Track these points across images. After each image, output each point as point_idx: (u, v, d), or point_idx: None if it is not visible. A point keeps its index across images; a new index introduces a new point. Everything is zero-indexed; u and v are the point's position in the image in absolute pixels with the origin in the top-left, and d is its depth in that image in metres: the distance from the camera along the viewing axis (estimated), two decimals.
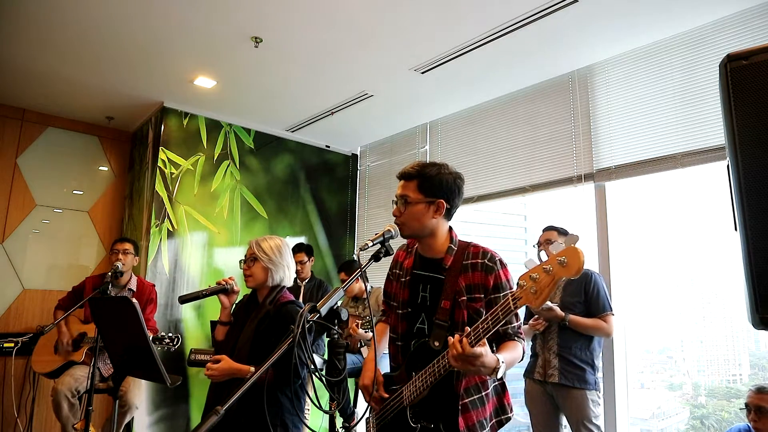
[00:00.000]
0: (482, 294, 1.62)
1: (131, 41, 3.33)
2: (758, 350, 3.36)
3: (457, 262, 1.67)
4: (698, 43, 2.97)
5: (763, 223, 0.96)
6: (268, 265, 2.21)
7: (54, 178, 4.63)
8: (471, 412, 1.60)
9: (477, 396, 1.62)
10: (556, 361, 2.79)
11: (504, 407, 1.69)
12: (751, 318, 0.99)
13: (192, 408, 4.19)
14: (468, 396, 1.61)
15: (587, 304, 2.84)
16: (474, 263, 1.65)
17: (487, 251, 1.68)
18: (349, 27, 3.09)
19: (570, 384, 2.74)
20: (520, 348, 1.60)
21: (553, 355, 2.81)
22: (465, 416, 1.59)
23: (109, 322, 2.28)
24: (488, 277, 1.62)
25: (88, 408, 2.48)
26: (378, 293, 3.87)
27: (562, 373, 2.76)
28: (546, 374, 2.81)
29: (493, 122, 4.09)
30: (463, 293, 1.62)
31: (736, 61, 1.00)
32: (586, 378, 2.76)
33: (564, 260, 1.17)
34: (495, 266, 1.64)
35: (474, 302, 1.62)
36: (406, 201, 1.67)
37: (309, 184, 5.14)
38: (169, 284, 4.18)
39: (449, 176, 1.69)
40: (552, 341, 2.83)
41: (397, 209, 1.69)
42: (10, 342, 3.49)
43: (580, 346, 2.79)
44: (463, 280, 1.64)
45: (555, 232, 3.02)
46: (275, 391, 2.09)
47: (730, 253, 2.69)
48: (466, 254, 1.68)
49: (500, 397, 1.70)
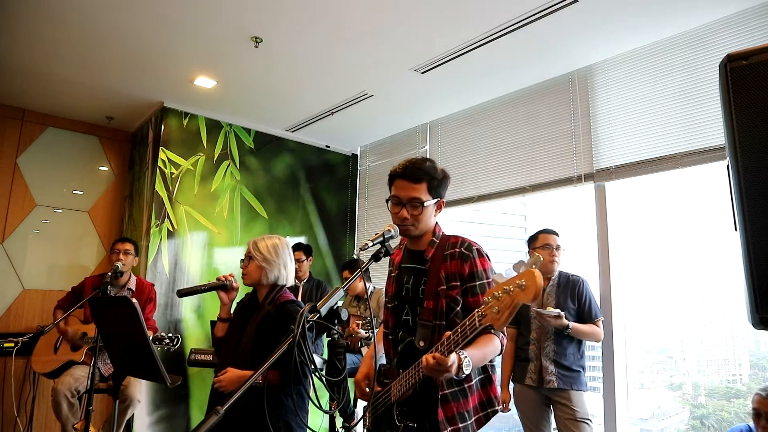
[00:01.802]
0: (458, 282, 1.63)
1: (131, 41, 3.33)
2: (758, 350, 3.36)
3: (439, 252, 1.69)
4: (698, 43, 2.97)
5: (763, 224, 0.96)
6: (261, 263, 2.24)
7: (54, 178, 4.63)
8: (451, 403, 1.60)
9: (459, 388, 1.62)
10: (553, 367, 2.80)
11: (491, 400, 1.68)
12: (751, 318, 0.99)
13: (192, 408, 4.19)
14: (448, 387, 1.60)
15: (579, 310, 2.88)
16: (452, 252, 1.67)
17: (465, 240, 1.69)
18: (349, 27, 3.09)
19: (568, 387, 2.78)
20: (497, 341, 1.57)
21: (549, 361, 2.81)
22: (444, 407, 1.59)
23: (109, 321, 2.28)
24: (464, 264, 1.63)
25: (88, 408, 2.48)
26: (379, 295, 3.87)
27: (560, 378, 2.78)
28: (543, 380, 2.81)
29: (493, 122, 4.09)
30: (443, 283, 1.64)
31: (736, 61, 1.00)
32: (582, 380, 2.82)
33: (523, 284, 1.13)
34: (471, 254, 1.64)
35: (451, 290, 1.62)
36: (421, 204, 1.67)
37: (309, 184, 5.14)
38: (169, 284, 4.18)
39: (443, 174, 1.73)
40: (548, 347, 2.84)
41: (405, 211, 1.67)
42: (10, 342, 3.48)
43: (573, 351, 2.84)
44: (443, 269, 1.65)
45: (554, 236, 3.00)
46: (279, 392, 2.09)
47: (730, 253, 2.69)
48: (447, 245, 1.70)
49: (486, 390, 1.69)
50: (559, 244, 2.97)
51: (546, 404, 2.88)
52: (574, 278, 2.95)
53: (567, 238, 3.08)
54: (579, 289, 2.90)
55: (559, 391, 2.79)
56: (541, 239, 2.98)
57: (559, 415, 2.81)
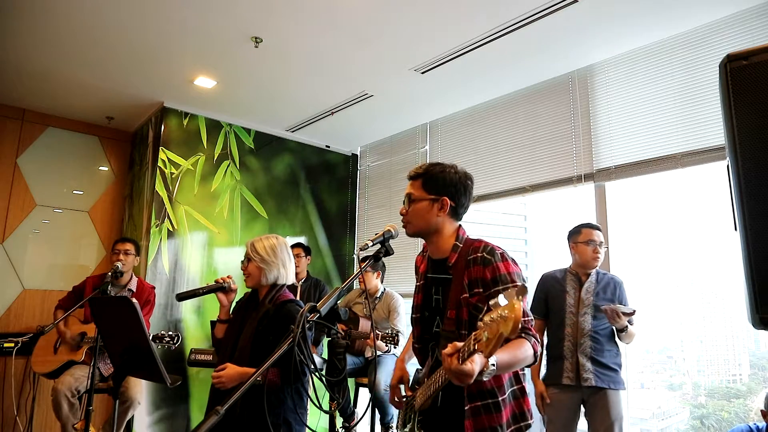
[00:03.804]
0: (481, 288, 1.56)
1: (131, 41, 3.33)
2: (758, 350, 3.36)
3: (462, 259, 1.63)
4: (698, 43, 2.97)
5: (763, 224, 0.96)
6: (260, 264, 2.24)
7: (54, 178, 4.62)
8: (483, 416, 1.53)
9: (492, 401, 1.55)
10: (590, 365, 2.68)
11: (524, 413, 1.62)
12: (751, 318, 0.99)
13: (192, 408, 4.19)
14: (479, 400, 1.55)
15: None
16: (474, 257, 1.60)
17: (489, 245, 1.63)
18: (349, 27, 3.09)
19: (606, 386, 2.67)
20: (528, 348, 1.46)
21: (586, 359, 2.69)
22: (475, 420, 1.53)
23: (109, 321, 2.28)
24: (485, 269, 1.56)
25: (88, 408, 2.48)
26: (390, 300, 3.83)
27: (598, 376, 2.67)
28: (580, 378, 2.68)
29: (493, 122, 4.09)
30: (465, 290, 1.58)
31: (736, 61, 1.00)
32: (618, 379, 2.72)
33: (505, 314, 1.09)
34: (493, 258, 1.57)
35: (473, 297, 1.57)
36: (411, 199, 1.69)
37: (309, 184, 5.14)
38: (169, 284, 4.18)
39: (455, 175, 1.71)
40: (585, 344, 2.72)
41: (402, 208, 1.71)
42: (10, 342, 3.48)
43: (610, 348, 2.74)
44: (467, 276, 1.60)
45: (598, 231, 2.86)
46: (279, 391, 2.09)
47: (730, 253, 2.69)
48: (470, 250, 1.64)
49: (519, 403, 1.62)
50: (602, 240, 2.84)
51: (578, 408, 2.77)
52: (615, 279, 2.86)
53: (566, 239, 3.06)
54: (618, 291, 2.81)
55: (596, 391, 2.68)
56: (585, 234, 2.84)
57: (591, 417, 2.71)
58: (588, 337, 2.73)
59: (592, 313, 2.75)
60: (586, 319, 2.75)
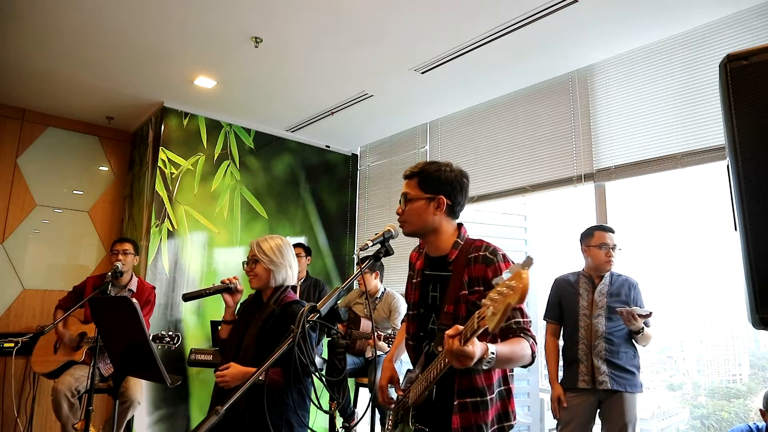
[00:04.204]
0: (482, 287, 1.57)
1: (131, 41, 3.33)
2: (758, 350, 3.36)
3: (462, 257, 1.65)
4: (698, 43, 2.97)
5: (763, 224, 0.96)
6: (269, 266, 2.21)
7: (54, 178, 4.62)
8: (469, 413, 1.56)
9: (480, 399, 1.58)
10: (605, 367, 2.65)
11: (508, 414, 1.65)
12: (751, 318, 0.99)
13: (192, 408, 4.19)
14: (468, 396, 1.58)
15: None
16: (476, 256, 1.62)
17: (490, 245, 1.65)
18: (349, 27, 3.09)
19: (622, 389, 2.64)
20: (526, 345, 1.50)
21: (601, 361, 2.65)
22: (461, 415, 1.56)
23: (109, 321, 2.28)
24: (487, 269, 1.58)
25: (88, 408, 2.48)
26: (390, 300, 3.83)
27: (613, 378, 2.64)
28: (596, 381, 2.64)
29: (493, 122, 4.09)
30: (464, 287, 1.60)
31: (736, 61, 1.00)
32: (636, 382, 2.68)
33: (513, 284, 1.09)
34: (495, 258, 1.59)
35: (472, 295, 1.58)
36: (407, 198, 1.69)
37: (309, 184, 5.14)
38: (169, 284, 4.18)
39: (450, 173, 1.71)
40: (599, 347, 2.67)
41: (399, 207, 1.71)
42: (10, 342, 3.48)
43: (626, 350, 2.70)
44: (467, 274, 1.61)
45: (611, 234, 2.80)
46: (282, 391, 2.09)
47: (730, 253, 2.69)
48: (472, 248, 1.65)
49: (505, 403, 1.65)
50: (616, 243, 2.77)
51: (594, 411, 2.73)
52: (629, 280, 2.81)
53: (567, 239, 3.07)
54: (633, 293, 2.77)
55: (611, 394, 2.65)
56: (597, 237, 2.79)
57: (605, 419, 2.69)
58: (602, 339, 2.68)
59: (606, 315, 2.71)
60: (600, 321, 2.71)
